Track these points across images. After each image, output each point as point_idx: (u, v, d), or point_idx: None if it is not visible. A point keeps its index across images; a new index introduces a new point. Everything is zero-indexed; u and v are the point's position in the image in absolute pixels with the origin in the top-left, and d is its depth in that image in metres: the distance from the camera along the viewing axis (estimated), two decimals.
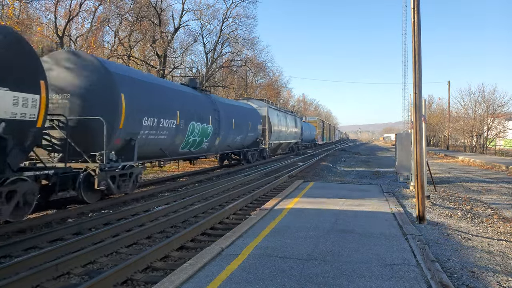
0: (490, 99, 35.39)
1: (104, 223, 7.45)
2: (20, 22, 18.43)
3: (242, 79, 39.52)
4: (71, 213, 8.04)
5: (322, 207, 7.88)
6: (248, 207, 9.00)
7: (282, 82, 55.69)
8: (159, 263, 5.15)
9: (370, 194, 9.93)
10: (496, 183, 13.52)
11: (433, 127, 49.27)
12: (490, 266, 4.71)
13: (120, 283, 4.45)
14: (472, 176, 15.83)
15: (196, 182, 13.67)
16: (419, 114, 7.05)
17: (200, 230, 6.68)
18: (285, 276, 4.08)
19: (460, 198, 10.11)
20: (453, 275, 4.32)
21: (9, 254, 5.55)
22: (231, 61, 35.47)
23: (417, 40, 6.86)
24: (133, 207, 8.60)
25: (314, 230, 6.00)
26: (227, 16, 32.00)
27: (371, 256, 4.73)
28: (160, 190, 11.41)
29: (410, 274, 4.16)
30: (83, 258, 5.10)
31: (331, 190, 10.57)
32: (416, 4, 6.88)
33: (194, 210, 8.26)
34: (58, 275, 4.67)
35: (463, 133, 38.29)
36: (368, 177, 15.77)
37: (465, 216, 7.90)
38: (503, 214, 8.19)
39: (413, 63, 6.88)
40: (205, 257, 4.59)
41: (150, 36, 26.02)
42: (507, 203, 9.66)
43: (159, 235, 6.64)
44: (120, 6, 23.78)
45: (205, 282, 3.90)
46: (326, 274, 4.14)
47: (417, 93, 6.92)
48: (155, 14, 25.80)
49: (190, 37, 32.25)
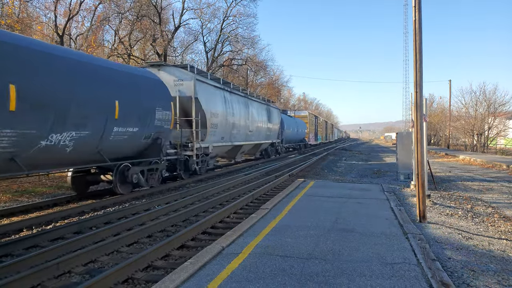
0: (491, 98, 35.34)
1: (105, 222, 7.46)
2: (20, 20, 18.44)
3: (243, 78, 39.51)
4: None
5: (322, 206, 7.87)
6: (249, 206, 9.00)
7: (283, 81, 55.70)
8: (159, 262, 5.16)
9: (371, 193, 9.93)
10: (496, 182, 13.51)
11: (434, 126, 49.22)
12: (491, 265, 4.71)
13: (121, 282, 4.45)
14: (472, 175, 15.82)
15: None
16: (420, 113, 7.03)
17: (201, 229, 6.68)
18: (285, 275, 4.08)
19: (461, 197, 10.10)
20: (454, 274, 4.32)
21: (10, 253, 5.56)
22: (232, 60, 35.47)
23: (418, 38, 6.85)
24: (133, 206, 8.60)
25: (314, 229, 6.00)
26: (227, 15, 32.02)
27: (372, 255, 4.73)
28: (160, 189, 11.41)
29: (410, 273, 4.16)
30: (84, 257, 5.11)
31: (331, 189, 10.57)
32: (417, 2, 6.86)
33: (195, 209, 8.27)
34: (59, 274, 4.68)
35: (464, 132, 38.24)
36: (368, 176, 15.76)
37: (465, 215, 7.90)
38: (504, 213, 8.18)
39: (414, 62, 6.87)
40: (205, 256, 4.60)
41: (150, 35, 26.01)
42: (507, 202, 9.65)
43: (159, 234, 6.64)
44: (120, 4, 23.79)
45: (205, 281, 3.90)
46: (326, 273, 4.14)
47: (418, 92, 6.91)
48: (155, 12, 25.79)
49: (191, 36, 32.28)
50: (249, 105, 19.55)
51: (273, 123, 24.21)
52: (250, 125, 19.44)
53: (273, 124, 24.22)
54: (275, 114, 25.02)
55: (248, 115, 19.04)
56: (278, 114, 26.06)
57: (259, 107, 21.42)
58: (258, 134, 21.04)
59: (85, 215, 8.13)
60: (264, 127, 22.11)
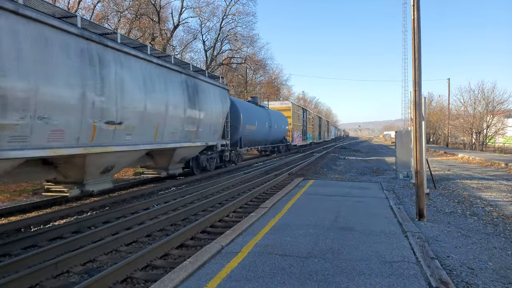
0: (489, 96, 35.37)
1: (103, 221, 7.45)
2: None
3: (242, 76, 39.49)
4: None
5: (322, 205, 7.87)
6: (248, 205, 9.00)
7: (282, 80, 55.65)
8: (159, 261, 5.15)
9: (370, 191, 9.93)
10: (495, 180, 13.53)
11: (433, 124, 49.29)
12: (490, 263, 4.71)
13: (119, 281, 4.45)
14: (471, 174, 15.84)
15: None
16: (419, 112, 7.03)
17: (200, 228, 6.68)
18: (285, 273, 4.08)
19: (460, 196, 10.11)
20: (453, 272, 4.32)
21: (8, 253, 5.55)
22: (231, 58, 35.42)
23: (417, 37, 6.84)
24: (132, 205, 8.59)
25: (314, 227, 6.00)
26: (226, 14, 31.97)
27: (371, 254, 4.73)
28: (159, 188, 11.40)
29: (409, 271, 4.16)
30: (82, 257, 5.10)
31: (331, 187, 10.57)
32: (416, 1, 6.85)
33: (194, 208, 8.26)
34: (57, 274, 4.67)
35: (463, 131, 38.30)
36: (368, 174, 15.77)
37: (464, 213, 7.91)
38: (503, 211, 8.19)
39: (413, 60, 6.86)
40: (205, 255, 4.59)
41: (149, 34, 25.96)
42: (506, 200, 9.66)
43: (158, 233, 6.64)
44: (119, 3, 23.73)
45: (205, 280, 3.89)
46: (326, 271, 4.14)
47: (417, 91, 6.90)
48: (154, 11, 25.73)
49: (190, 35, 32.27)
50: (111, 64, 8.47)
51: (209, 110, 13.86)
52: (119, 110, 8.68)
53: (208, 113, 13.82)
54: (214, 95, 14.58)
55: (110, 86, 8.37)
56: (222, 97, 15.45)
57: (162, 75, 10.81)
58: (148, 130, 10.02)
59: (84, 214, 8.12)
60: (179, 117, 11.67)
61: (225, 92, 16.08)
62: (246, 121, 19.24)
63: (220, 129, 15.51)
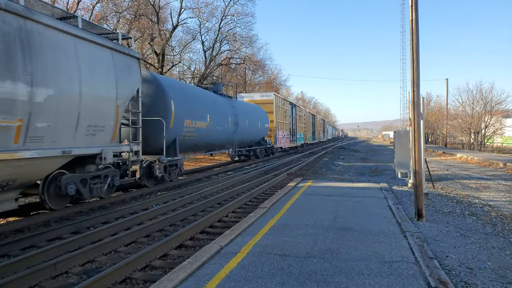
0: (487, 96, 35.50)
1: (102, 221, 7.44)
2: None
3: (241, 77, 39.48)
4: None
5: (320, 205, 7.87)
6: (247, 205, 9.00)
7: (281, 80, 55.63)
8: (158, 261, 5.14)
9: (369, 191, 9.94)
10: (493, 180, 13.56)
11: (431, 124, 49.38)
12: (488, 263, 4.73)
13: (119, 282, 4.44)
14: (470, 174, 15.87)
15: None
16: (417, 112, 7.05)
17: (199, 228, 6.67)
18: (284, 274, 4.08)
19: (458, 195, 10.13)
20: (451, 272, 4.33)
21: (7, 253, 5.53)
22: (230, 59, 35.40)
23: (415, 38, 6.85)
24: (131, 206, 8.58)
25: (313, 227, 6.00)
26: (225, 14, 31.94)
27: (370, 254, 4.74)
28: (158, 189, 11.39)
29: (408, 271, 4.16)
30: (81, 257, 5.09)
31: (330, 187, 10.57)
32: (414, 2, 6.87)
33: (193, 209, 8.25)
34: (56, 274, 4.66)
35: (461, 131, 38.40)
36: (366, 174, 15.78)
37: (463, 213, 7.93)
38: (501, 211, 8.21)
39: (411, 61, 6.88)
40: (204, 256, 4.59)
41: (148, 34, 25.92)
42: (504, 200, 9.69)
43: (158, 234, 6.63)
44: (118, 3, 23.70)
45: (204, 281, 3.89)
46: (325, 271, 4.14)
47: (415, 91, 6.92)
48: (153, 12, 25.71)
49: (189, 35, 32.20)
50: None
51: (73, 87, 7.35)
52: None
53: (72, 93, 7.34)
54: (93, 62, 7.94)
55: None
56: (121, 69, 8.87)
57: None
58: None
59: (83, 215, 8.10)
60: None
61: (129, 61, 9.33)
62: (183, 113, 12.55)
63: (113, 124, 8.83)
